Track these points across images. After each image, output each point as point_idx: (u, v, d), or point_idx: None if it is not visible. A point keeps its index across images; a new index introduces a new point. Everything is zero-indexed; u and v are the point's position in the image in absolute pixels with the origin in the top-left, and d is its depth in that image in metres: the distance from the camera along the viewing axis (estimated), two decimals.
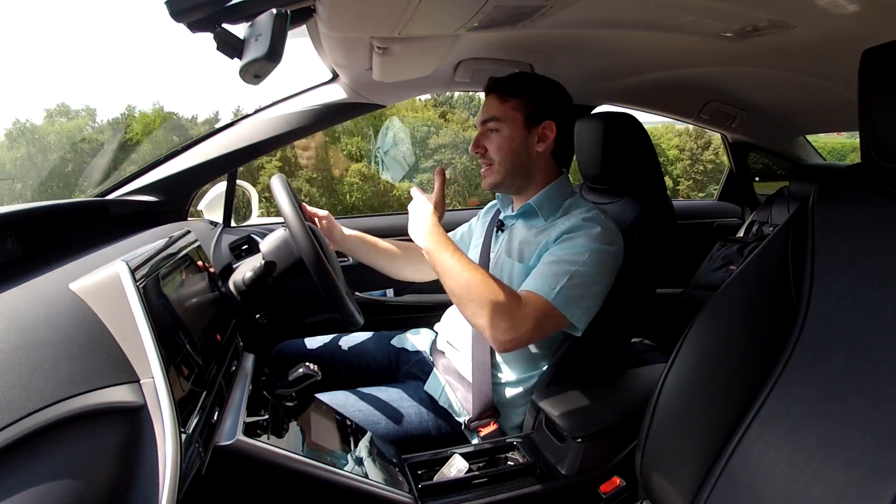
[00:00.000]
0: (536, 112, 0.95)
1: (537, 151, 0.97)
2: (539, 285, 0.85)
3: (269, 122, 1.27)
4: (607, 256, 0.88)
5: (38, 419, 0.36)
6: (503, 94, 0.96)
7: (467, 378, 0.99)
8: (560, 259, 0.87)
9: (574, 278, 0.84)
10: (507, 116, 0.95)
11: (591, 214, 0.92)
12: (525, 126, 0.95)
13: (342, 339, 1.22)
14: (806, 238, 0.65)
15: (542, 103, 0.96)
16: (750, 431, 0.62)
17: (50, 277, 0.54)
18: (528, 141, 0.96)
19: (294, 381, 0.74)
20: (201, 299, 0.74)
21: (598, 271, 0.87)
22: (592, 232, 0.89)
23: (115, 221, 1.06)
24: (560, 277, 0.84)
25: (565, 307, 0.83)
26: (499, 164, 0.97)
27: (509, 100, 0.95)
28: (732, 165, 2.09)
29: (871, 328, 0.56)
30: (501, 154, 0.96)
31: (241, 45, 0.57)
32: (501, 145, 0.96)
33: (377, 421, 0.95)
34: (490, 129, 0.97)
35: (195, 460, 0.52)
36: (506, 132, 0.95)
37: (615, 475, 0.85)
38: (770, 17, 0.86)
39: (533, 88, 0.97)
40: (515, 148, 0.96)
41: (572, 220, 0.92)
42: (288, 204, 0.88)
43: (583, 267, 0.85)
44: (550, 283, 0.84)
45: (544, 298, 0.83)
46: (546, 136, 0.96)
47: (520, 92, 0.95)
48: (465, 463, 0.85)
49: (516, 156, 0.96)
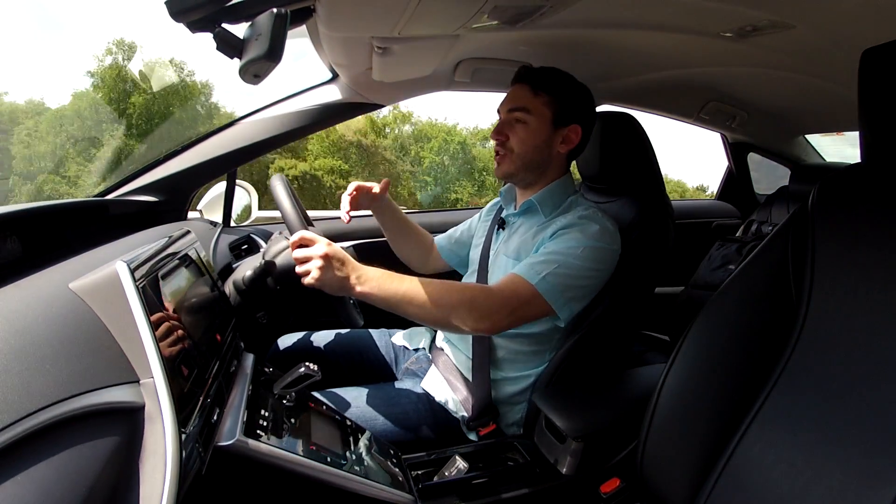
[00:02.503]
0: (566, 113, 0.95)
1: (558, 151, 0.97)
2: (525, 271, 0.85)
3: (269, 121, 1.27)
4: (601, 253, 0.88)
5: (38, 419, 0.36)
6: (536, 87, 0.94)
7: (466, 375, 1.00)
8: (552, 251, 0.87)
9: (562, 268, 0.85)
10: (537, 110, 0.94)
11: (588, 213, 0.93)
12: (552, 124, 0.95)
13: (343, 336, 1.22)
14: (806, 238, 0.65)
15: (573, 105, 0.96)
16: (750, 431, 0.62)
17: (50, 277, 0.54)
18: (553, 139, 0.96)
19: (294, 381, 0.74)
20: (201, 299, 0.74)
21: (589, 266, 0.87)
22: (589, 229, 0.89)
23: (115, 221, 1.06)
24: (548, 265, 0.85)
25: (548, 293, 0.83)
26: (518, 155, 0.96)
27: (542, 94, 0.94)
28: (732, 165, 2.09)
29: (872, 328, 0.56)
30: (524, 147, 0.95)
31: (240, 45, 0.57)
32: (526, 138, 0.95)
33: (374, 417, 0.95)
34: (516, 119, 0.95)
35: (195, 460, 0.52)
36: (533, 126, 0.94)
37: (615, 475, 0.85)
38: (770, 17, 0.86)
39: (566, 88, 0.96)
40: (539, 144, 0.95)
41: (570, 217, 0.92)
42: (288, 203, 0.88)
43: (573, 259, 0.85)
44: (537, 269, 0.85)
45: (528, 282, 0.83)
46: (571, 140, 0.97)
47: (553, 89, 0.94)
48: (464, 463, 0.85)
49: (537, 151, 0.96)
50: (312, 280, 0.76)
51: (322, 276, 0.76)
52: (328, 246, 0.77)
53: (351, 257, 0.79)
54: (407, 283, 0.79)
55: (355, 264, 0.79)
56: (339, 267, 0.77)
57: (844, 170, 0.66)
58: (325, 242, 0.77)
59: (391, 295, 0.79)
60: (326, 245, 0.77)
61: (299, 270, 0.78)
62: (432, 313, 0.80)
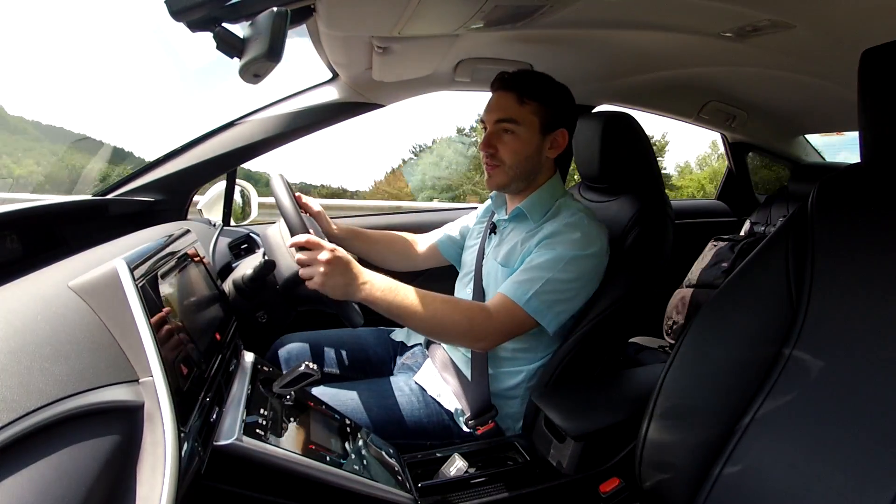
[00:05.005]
0: (552, 119, 0.95)
1: (547, 157, 0.98)
2: (513, 290, 0.88)
3: (269, 121, 1.27)
4: (585, 262, 0.90)
5: (37, 418, 0.36)
6: (522, 96, 0.93)
7: (463, 370, 1.00)
8: (537, 265, 0.89)
9: (547, 284, 0.87)
10: (525, 119, 0.93)
11: (574, 219, 0.93)
12: (540, 131, 0.95)
13: (342, 335, 1.22)
14: (805, 238, 0.65)
15: (558, 110, 0.96)
16: (749, 431, 0.62)
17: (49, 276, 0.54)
18: (542, 146, 0.96)
19: (293, 380, 0.74)
20: (200, 298, 0.74)
21: (575, 278, 0.89)
22: (572, 238, 0.90)
23: (115, 220, 1.06)
24: (534, 283, 0.87)
25: (536, 313, 0.87)
26: (510, 166, 0.96)
27: (528, 103, 0.93)
28: (732, 165, 2.09)
29: (872, 328, 0.56)
30: (516, 158, 0.95)
31: (240, 44, 0.57)
32: (517, 149, 0.95)
33: (368, 409, 0.96)
34: (504, 130, 0.95)
35: (194, 460, 0.51)
36: (523, 136, 0.94)
37: (614, 475, 0.85)
38: (770, 17, 0.86)
39: (550, 93, 0.95)
40: (529, 153, 0.95)
41: (556, 223, 0.93)
42: (288, 203, 0.88)
43: (558, 273, 0.88)
44: (524, 288, 0.87)
45: (516, 304, 0.87)
46: (558, 144, 0.97)
47: (538, 96, 0.94)
48: (464, 462, 0.85)
49: (528, 160, 0.96)
50: (316, 285, 0.77)
51: (326, 281, 0.77)
52: (332, 252, 0.77)
53: (355, 261, 0.80)
54: (410, 296, 0.82)
55: (359, 269, 0.80)
56: (343, 272, 0.78)
57: (844, 170, 0.66)
58: (330, 248, 0.78)
59: (394, 306, 0.81)
60: (330, 251, 0.77)
61: (303, 274, 0.79)
62: (432, 328, 0.84)
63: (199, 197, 1.37)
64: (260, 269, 0.90)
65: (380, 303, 0.81)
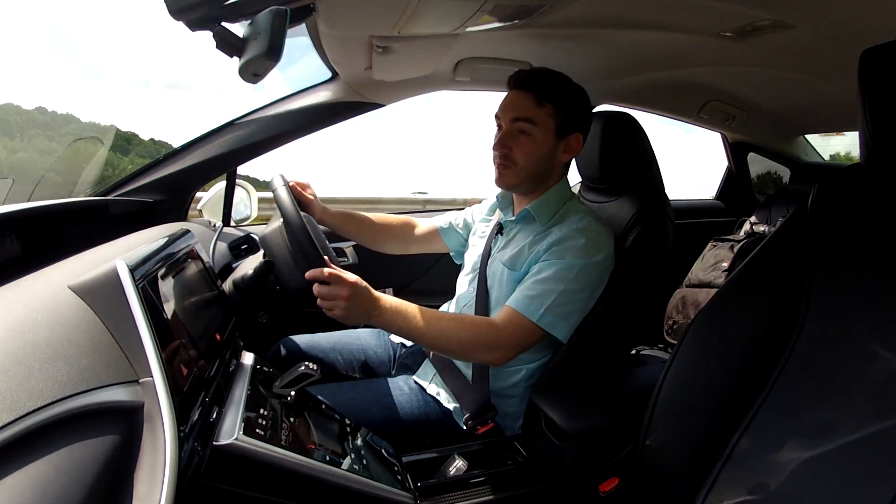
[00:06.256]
0: (569, 122, 0.94)
1: (560, 160, 0.97)
2: (525, 306, 0.87)
3: (269, 121, 1.26)
4: (593, 269, 0.90)
5: (37, 418, 0.36)
6: (541, 97, 0.91)
7: (462, 370, 1.00)
8: (548, 277, 0.89)
9: (561, 297, 0.87)
10: (542, 121, 0.92)
11: (582, 224, 0.92)
12: (556, 135, 0.94)
13: (343, 335, 1.22)
14: (806, 238, 0.65)
15: (575, 113, 0.94)
16: (749, 431, 0.62)
17: (49, 276, 0.54)
18: (556, 150, 0.95)
19: (293, 380, 0.75)
20: (200, 298, 0.74)
21: (584, 286, 0.89)
22: (578, 245, 0.89)
23: (115, 221, 1.06)
24: (546, 297, 0.87)
25: (551, 326, 0.87)
26: (522, 167, 0.95)
27: (546, 105, 0.91)
28: (732, 165, 2.09)
29: (871, 327, 0.56)
30: (529, 159, 0.94)
31: (240, 44, 0.57)
32: (531, 150, 0.94)
33: (367, 408, 0.96)
34: (520, 130, 0.93)
35: (194, 460, 0.52)
36: (538, 138, 0.93)
37: (614, 474, 0.85)
38: (770, 17, 0.86)
39: (568, 96, 0.94)
40: (543, 155, 0.95)
41: (563, 229, 0.93)
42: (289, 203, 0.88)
43: (569, 284, 0.88)
44: (537, 303, 0.87)
45: (529, 320, 0.87)
46: (572, 148, 0.96)
47: (556, 98, 0.92)
48: (464, 462, 0.85)
49: (541, 163, 0.95)
50: (336, 317, 0.81)
51: (347, 315, 0.80)
52: (351, 287, 0.79)
53: (370, 288, 0.82)
54: (421, 319, 0.84)
55: (373, 297, 0.82)
56: (363, 303, 0.81)
57: (844, 170, 0.66)
58: (350, 281, 0.79)
59: (406, 331, 0.84)
60: (350, 286, 0.79)
61: (322, 305, 0.81)
62: (445, 348, 0.86)
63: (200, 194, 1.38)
64: (260, 269, 0.90)
65: (391, 328, 0.84)
